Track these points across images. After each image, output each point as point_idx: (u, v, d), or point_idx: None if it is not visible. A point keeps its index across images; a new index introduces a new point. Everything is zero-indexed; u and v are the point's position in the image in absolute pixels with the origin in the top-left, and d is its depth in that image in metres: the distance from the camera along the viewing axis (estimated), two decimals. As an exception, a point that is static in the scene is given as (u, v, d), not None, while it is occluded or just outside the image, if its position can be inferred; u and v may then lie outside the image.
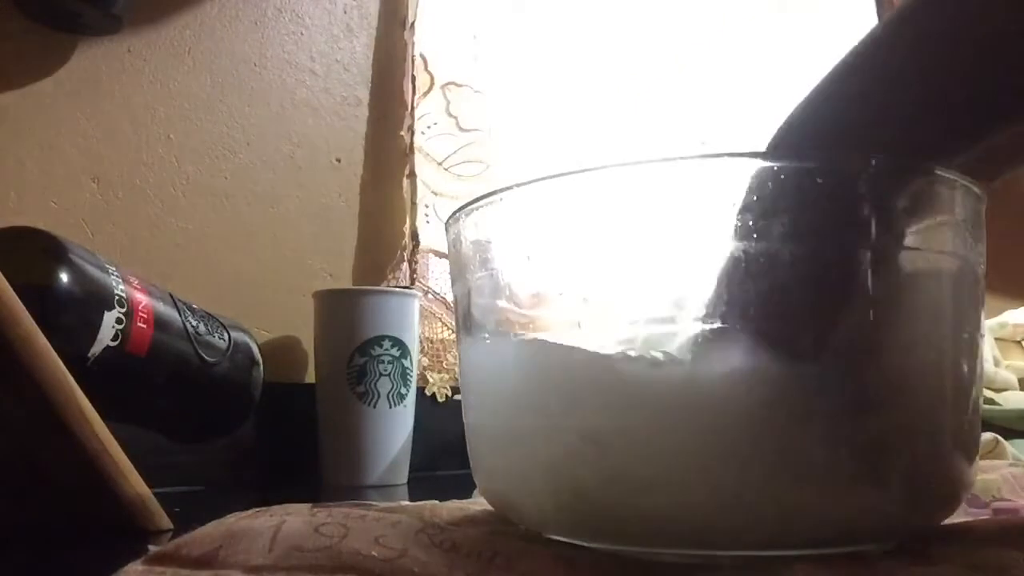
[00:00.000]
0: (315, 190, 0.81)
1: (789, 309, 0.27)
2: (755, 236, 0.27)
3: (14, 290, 0.34)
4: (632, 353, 0.27)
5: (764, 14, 1.14)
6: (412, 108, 0.86)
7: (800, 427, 0.26)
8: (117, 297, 0.49)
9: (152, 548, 0.26)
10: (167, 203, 0.72)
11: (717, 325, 0.27)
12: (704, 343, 0.27)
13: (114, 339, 0.48)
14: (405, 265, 0.84)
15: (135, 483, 0.39)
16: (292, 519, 0.27)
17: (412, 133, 0.86)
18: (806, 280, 0.27)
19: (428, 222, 0.86)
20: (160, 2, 0.74)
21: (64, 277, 0.45)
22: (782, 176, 0.27)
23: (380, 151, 0.85)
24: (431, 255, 0.87)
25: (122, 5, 0.67)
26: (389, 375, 0.69)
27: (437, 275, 0.88)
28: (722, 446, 0.26)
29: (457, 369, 0.66)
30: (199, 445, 0.63)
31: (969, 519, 0.34)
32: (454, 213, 0.33)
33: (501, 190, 0.31)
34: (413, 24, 0.87)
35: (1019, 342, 1.06)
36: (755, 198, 0.27)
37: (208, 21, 0.76)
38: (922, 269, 0.29)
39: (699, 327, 0.27)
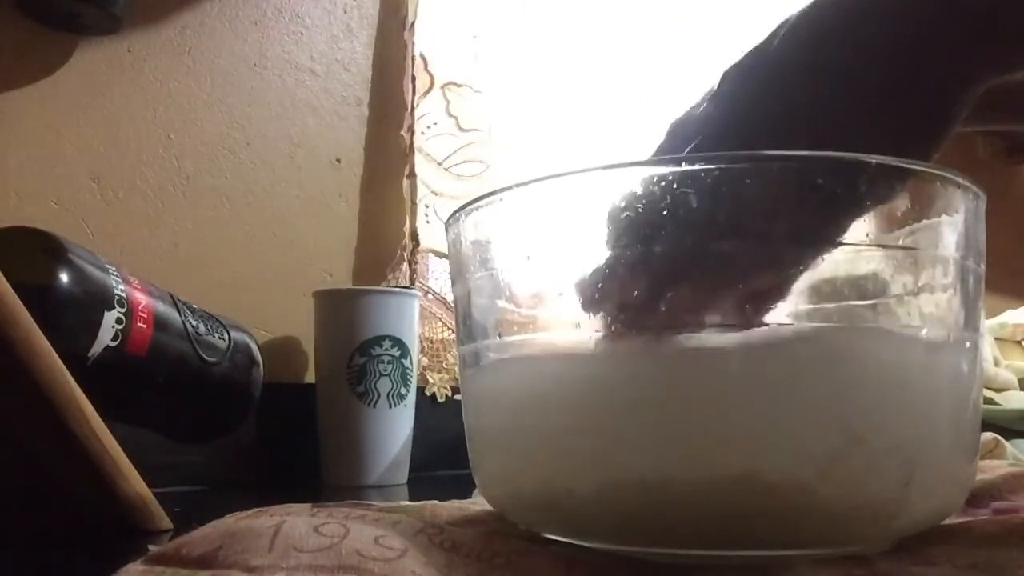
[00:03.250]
0: (315, 190, 0.81)
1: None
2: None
3: (14, 290, 0.34)
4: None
5: (764, 14, 1.14)
6: (412, 108, 0.86)
7: (800, 428, 0.26)
8: (117, 297, 0.49)
9: (152, 548, 0.26)
10: (167, 203, 0.72)
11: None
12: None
13: (114, 339, 0.48)
14: (405, 265, 0.84)
15: (135, 483, 0.39)
16: (292, 519, 0.27)
17: (412, 133, 0.86)
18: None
19: (428, 222, 0.86)
20: (160, 2, 0.74)
21: (64, 277, 0.45)
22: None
23: (380, 151, 0.85)
24: (431, 255, 0.87)
25: (122, 5, 0.67)
26: (389, 375, 0.69)
27: (437, 275, 0.88)
28: (721, 446, 0.26)
29: (457, 369, 0.66)
30: (199, 445, 0.63)
31: (969, 519, 0.34)
32: (454, 213, 0.33)
33: (501, 190, 0.31)
34: (413, 24, 0.87)
35: (1019, 342, 1.06)
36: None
37: (208, 21, 0.76)
38: (922, 268, 0.29)
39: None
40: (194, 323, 0.57)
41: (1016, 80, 0.29)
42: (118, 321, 0.49)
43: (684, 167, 0.27)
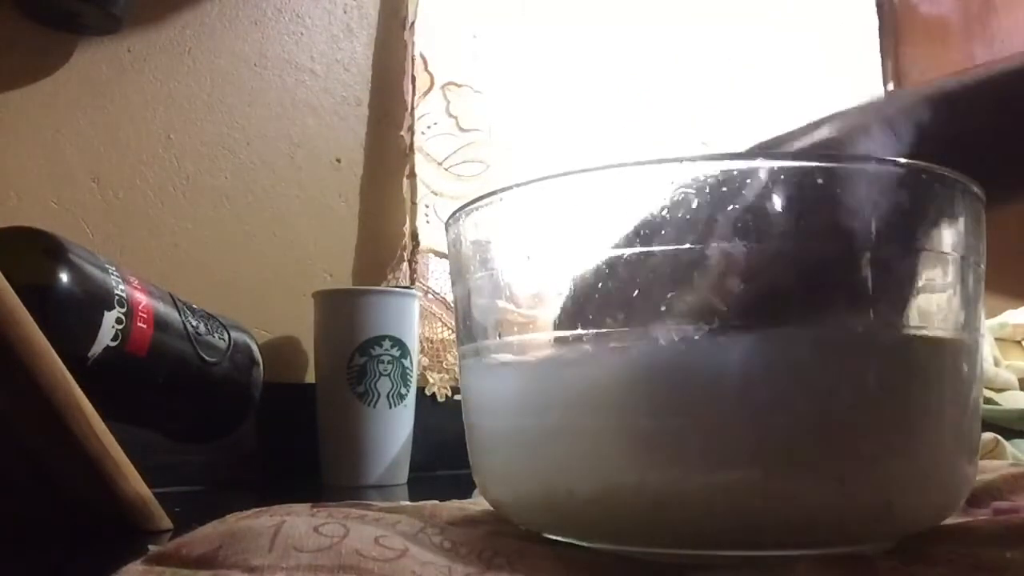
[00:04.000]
0: (315, 190, 0.81)
1: (789, 308, 0.27)
2: (758, 235, 0.27)
3: (14, 290, 0.34)
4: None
5: (764, 14, 1.14)
6: (412, 108, 0.86)
7: (801, 428, 0.26)
8: (117, 297, 0.49)
9: (152, 548, 0.26)
10: (167, 203, 0.72)
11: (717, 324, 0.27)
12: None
13: (114, 339, 0.48)
14: (405, 265, 0.84)
15: (135, 483, 0.39)
16: (292, 519, 0.27)
17: (412, 133, 0.86)
18: (810, 281, 0.27)
19: (428, 222, 0.86)
20: (160, 2, 0.74)
21: (64, 277, 0.45)
22: (783, 177, 0.27)
23: (380, 151, 0.85)
24: (431, 255, 0.87)
25: (122, 5, 0.67)
26: (389, 375, 0.69)
27: (437, 275, 0.88)
28: (722, 446, 0.26)
29: (457, 369, 0.66)
30: (199, 445, 0.63)
31: (969, 519, 0.34)
32: (454, 213, 0.33)
33: (501, 190, 0.31)
34: (413, 24, 0.87)
35: (1019, 342, 1.06)
36: (756, 197, 0.27)
37: (208, 21, 0.76)
38: (923, 270, 0.29)
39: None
40: (194, 323, 0.57)
41: None
42: (118, 321, 0.49)
43: (684, 168, 0.27)
